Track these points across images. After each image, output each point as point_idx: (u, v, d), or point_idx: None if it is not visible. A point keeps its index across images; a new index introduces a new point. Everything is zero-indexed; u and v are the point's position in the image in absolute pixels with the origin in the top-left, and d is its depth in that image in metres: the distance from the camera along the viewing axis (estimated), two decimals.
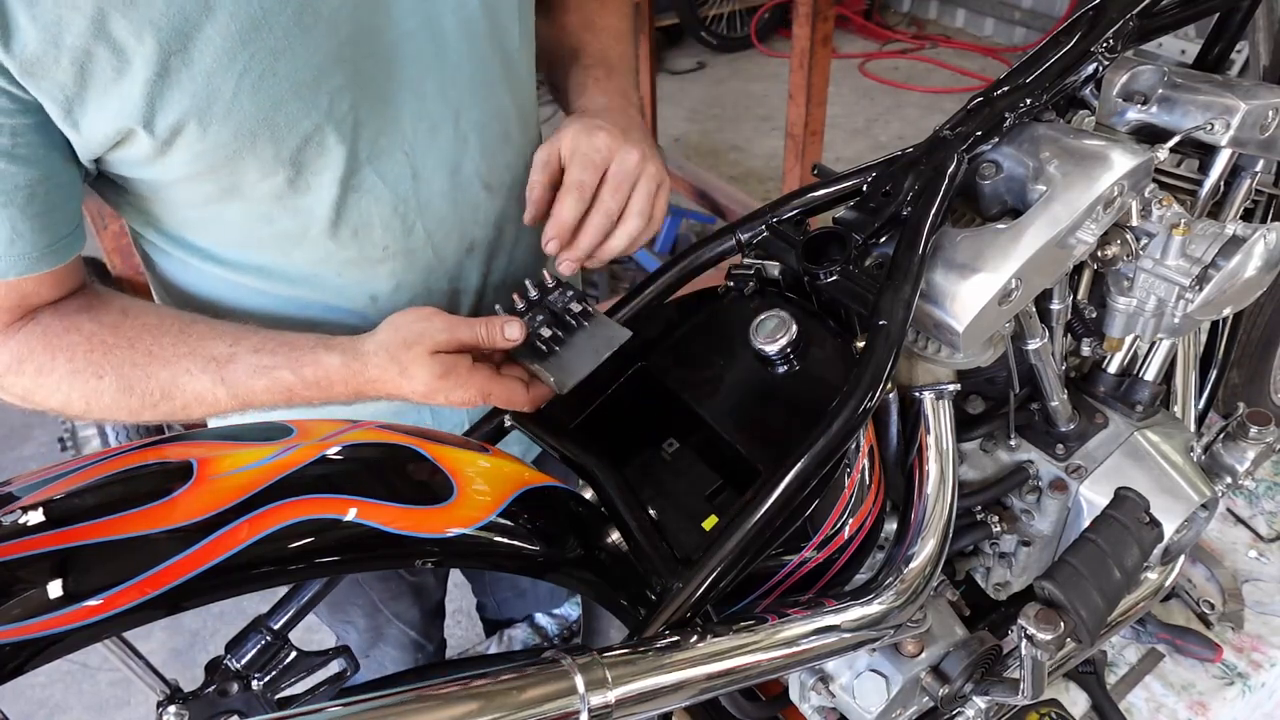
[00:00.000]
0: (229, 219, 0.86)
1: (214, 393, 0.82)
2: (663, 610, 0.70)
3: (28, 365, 0.82)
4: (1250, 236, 0.84)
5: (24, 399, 0.84)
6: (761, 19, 5.34)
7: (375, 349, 0.82)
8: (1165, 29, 0.97)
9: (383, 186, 0.89)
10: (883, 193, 0.86)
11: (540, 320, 0.86)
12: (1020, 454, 1.01)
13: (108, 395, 0.82)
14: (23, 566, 0.53)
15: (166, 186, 0.83)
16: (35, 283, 0.80)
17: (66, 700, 2.16)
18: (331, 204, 0.87)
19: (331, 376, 0.82)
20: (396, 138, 0.87)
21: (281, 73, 0.76)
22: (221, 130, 0.77)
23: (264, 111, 0.77)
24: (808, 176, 2.84)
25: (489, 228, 1.00)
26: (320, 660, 0.75)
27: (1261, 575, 1.44)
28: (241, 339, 0.84)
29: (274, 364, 0.82)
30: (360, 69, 0.81)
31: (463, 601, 2.03)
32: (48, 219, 0.77)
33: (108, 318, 0.84)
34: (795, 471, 0.71)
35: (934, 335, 0.83)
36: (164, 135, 0.75)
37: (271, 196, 0.84)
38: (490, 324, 0.83)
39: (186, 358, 0.82)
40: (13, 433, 2.91)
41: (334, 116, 0.81)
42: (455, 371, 0.82)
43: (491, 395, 0.84)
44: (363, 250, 0.91)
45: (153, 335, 0.83)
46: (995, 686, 0.88)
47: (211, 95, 0.74)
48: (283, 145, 0.80)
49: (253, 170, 0.81)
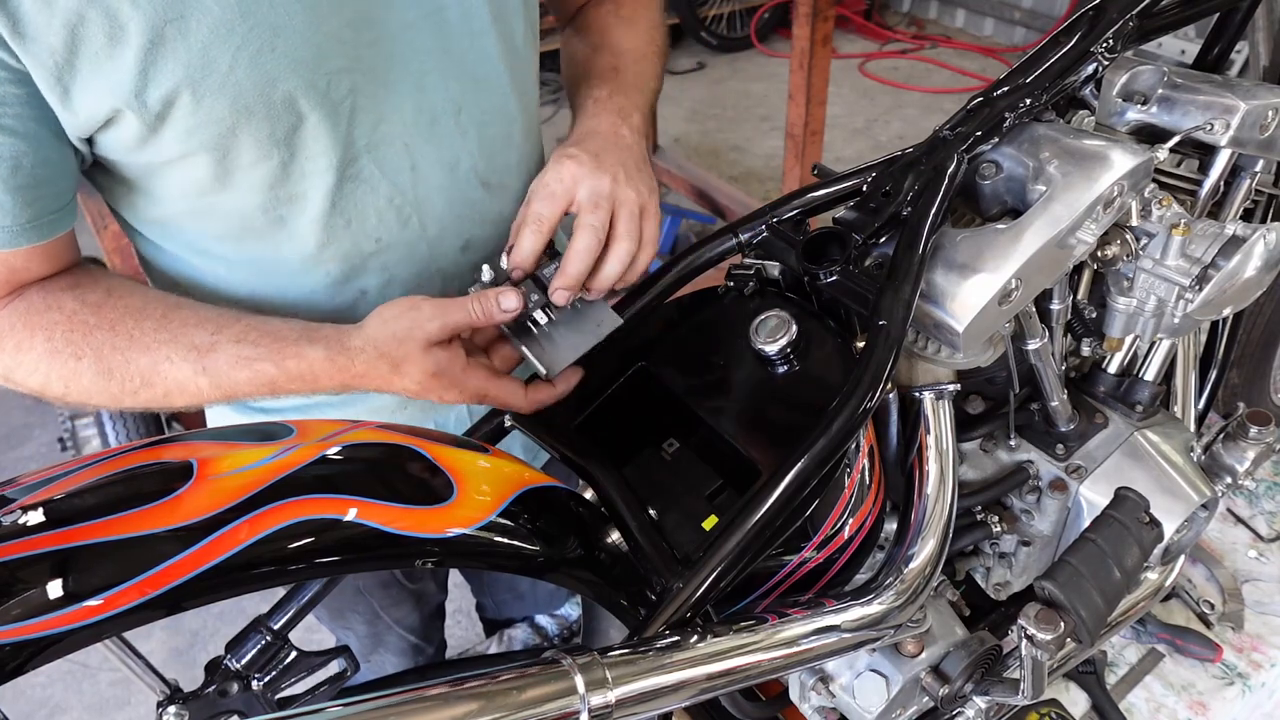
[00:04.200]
0: (222, 209, 0.85)
1: (195, 382, 0.80)
2: (663, 610, 0.70)
3: (7, 342, 0.80)
4: (1250, 236, 0.84)
5: (5, 378, 0.82)
6: (761, 19, 5.33)
7: (362, 344, 0.80)
8: (1165, 29, 0.97)
9: (380, 176, 0.88)
10: (883, 193, 0.86)
11: (535, 300, 0.83)
12: (1020, 454, 1.01)
13: (86, 377, 0.80)
14: (23, 566, 0.53)
15: (158, 172, 0.81)
16: (24, 259, 0.79)
17: (66, 700, 2.16)
18: (326, 192, 0.85)
19: (315, 370, 0.80)
20: (396, 127, 0.86)
21: (280, 49, 0.76)
22: (216, 104, 0.75)
23: (260, 87, 0.76)
24: (808, 176, 2.85)
25: (486, 226, 0.99)
26: (320, 660, 0.75)
27: (1261, 575, 1.44)
28: (224, 327, 0.81)
29: (256, 355, 0.80)
30: (360, 55, 0.81)
31: (463, 602, 2.03)
32: (32, 194, 0.75)
33: (92, 296, 0.81)
34: (795, 472, 0.71)
35: (934, 335, 0.83)
36: (156, 107, 0.74)
37: (265, 184, 0.83)
38: (484, 299, 0.80)
39: (167, 344, 0.80)
40: (13, 433, 2.91)
41: (331, 99, 0.80)
42: (449, 370, 0.80)
43: (487, 396, 0.82)
44: (356, 242, 0.90)
45: (135, 319, 0.81)
46: (995, 686, 0.88)
47: (207, 67, 0.73)
48: (278, 124, 0.79)
49: (246, 152, 0.80)
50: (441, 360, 0.79)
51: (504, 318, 0.81)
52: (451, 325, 0.80)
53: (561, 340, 0.84)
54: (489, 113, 0.94)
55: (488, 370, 0.83)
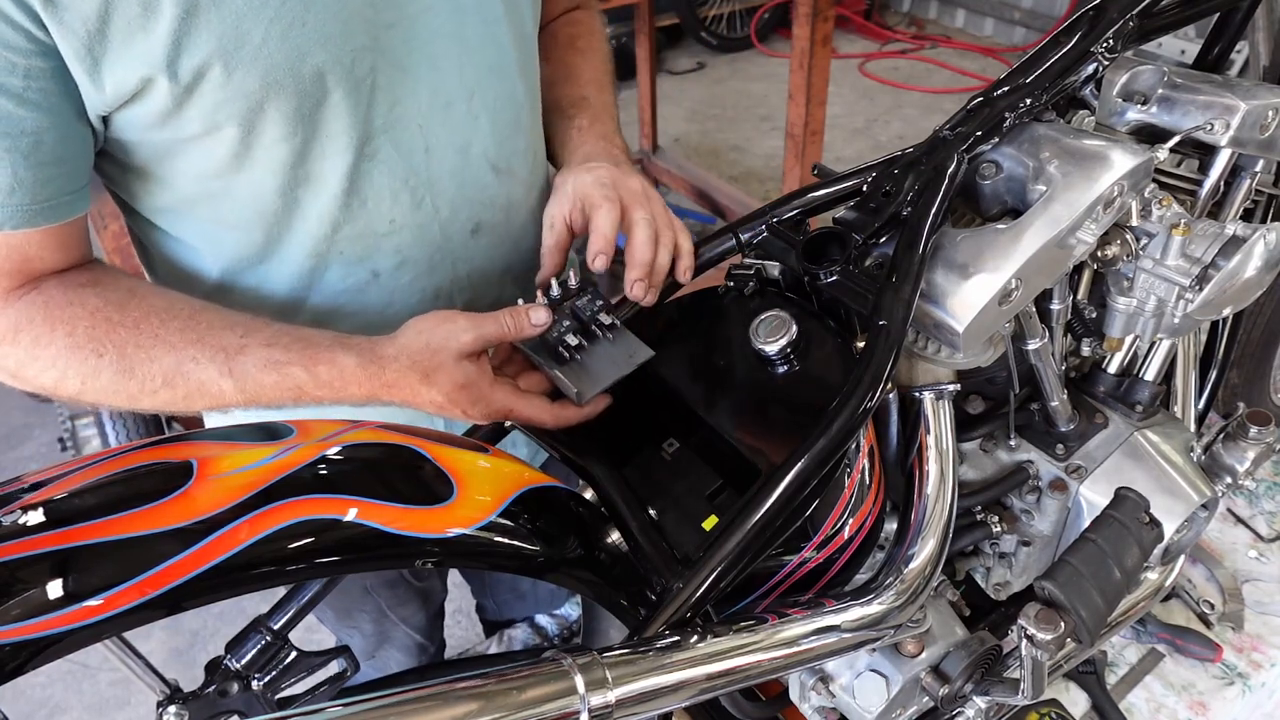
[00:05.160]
0: (237, 192, 0.85)
1: (219, 384, 0.79)
2: (663, 610, 0.70)
3: (24, 335, 0.78)
4: (1250, 236, 0.84)
5: (15, 374, 0.80)
6: (761, 19, 5.33)
7: (396, 353, 0.80)
8: (1165, 29, 0.97)
9: (396, 157, 0.88)
10: (883, 193, 0.86)
11: (566, 326, 0.85)
12: (1020, 454, 1.01)
13: (105, 375, 0.78)
14: (23, 566, 0.53)
15: (176, 152, 0.81)
16: (38, 245, 0.78)
17: (66, 700, 2.16)
18: (345, 171, 0.86)
19: (346, 377, 0.80)
20: (412, 109, 0.87)
21: (310, 24, 0.76)
22: (247, 77, 0.75)
23: (290, 61, 0.76)
24: (808, 176, 2.85)
25: (495, 210, 1.00)
26: (320, 660, 0.75)
27: (1261, 575, 1.44)
28: (254, 331, 0.81)
29: (287, 359, 0.79)
30: (381, 35, 0.81)
31: (463, 602, 2.03)
32: (52, 171, 0.75)
33: (114, 295, 0.81)
34: (795, 472, 0.71)
35: (934, 335, 0.83)
36: (187, 79, 0.74)
37: (284, 163, 0.83)
38: (515, 313, 0.82)
39: (194, 345, 0.79)
40: (13, 433, 2.91)
41: (355, 76, 0.81)
42: (477, 384, 0.80)
43: (513, 412, 0.82)
44: (370, 223, 0.91)
45: (160, 318, 0.80)
46: (995, 686, 0.88)
47: (240, 38, 0.74)
48: (305, 100, 0.79)
49: (271, 128, 0.80)
50: (471, 373, 0.80)
51: (534, 331, 0.83)
52: (485, 337, 0.81)
53: (594, 367, 0.85)
54: (500, 98, 0.95)
55: (513, 387, 0.84)
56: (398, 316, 0.98)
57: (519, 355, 0.87)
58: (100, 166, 0.85)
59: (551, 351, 0.84)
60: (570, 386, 0.83)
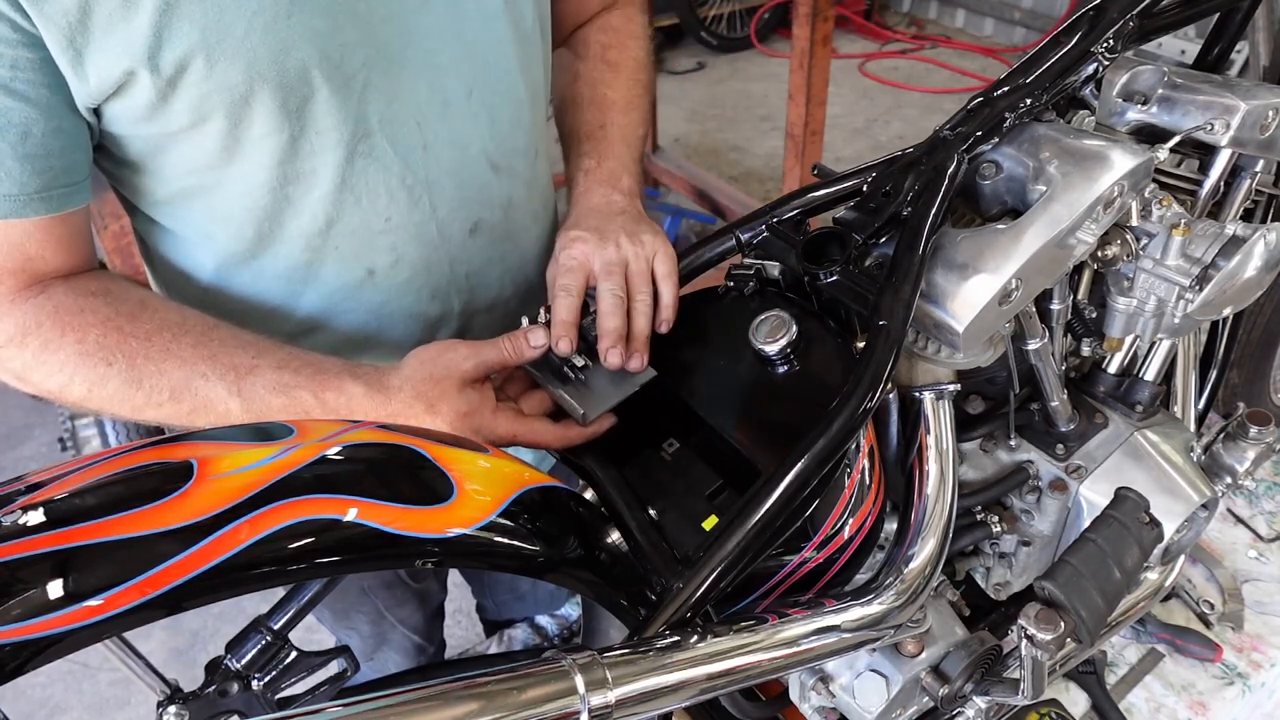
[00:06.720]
0: (228, 186, 0.85)
1: (226, 403, 0.80)
2: (663, 610, 0.70)
3: (32, 339, 0.78)
4: (1250, 236, 0.84)
5: (19, 377, 0.80)
6: (761, 19, 5.33)
7: (400, 383, 0.81)
8: (1165, 29, 0.97)
9: (393, 154, 0.88)
10: (883, 193, 0.86)
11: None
12: (1020, 454, 1.01)
13: (113, 384, 0.79)
14: (23, 566, 0.52)
15: (166, 146, 0.81)
16: (37, 242, 0.78)
17: (66, 700, 2.16)
18: (337, 167, 0.86)
19: (353, 405, 0.81)
20: (409, 106, 0.87)
21: (296, 17, 0.76)
22: (229, 69, 0.75)
23: (274, 54, 0.76)
24: (808, 176, 2.85)
25: (494, 209, 0.99)
26: (320, 660, 0.75)
27: (1261, 575, 1.44)
28: (266, 352, 0.82)
29: (296, 383, 0.80)
30: (374, 31, 0.81)
31: (463, 602, 2.03)
32: (42, 163, 0.75)
33: (126, 306, 0.81)
34: (795, 472, 0.71)
35: (934, 335, 0.83)
36: (169, 72, 0.74)
37: (273, 159, 0.83)
38: (514, 338, 0.83)
39: (205, 361, 0.80)
40: (13, 433, 2.91)
41: (344, 72, 0.81)
42: (479, 411, 0.81)
43: (517, 438, 0.83)
44: (365, 219, 0.90)
45: (172, 333, 0.80)
46: (995, 686, 0.88)
47: (222, 31, 0.73)
48: (290, 95, 0.79)
49: (258, 122, 0.80)
50: (474, 400, 0.81)
51: (533, 354, 0.84)
52: (486, 363, 0.82)
53: (598, 387, 0.85)
54: (499, 96, 0.94)
55: (515, 413, 0.84)
56: (394, 315, 0.98)
57: (522, 373, 0.88)
58: (99, 162, 0.85)
59: (556, 371, 0.85)
60: (576, 407, 0.84)
